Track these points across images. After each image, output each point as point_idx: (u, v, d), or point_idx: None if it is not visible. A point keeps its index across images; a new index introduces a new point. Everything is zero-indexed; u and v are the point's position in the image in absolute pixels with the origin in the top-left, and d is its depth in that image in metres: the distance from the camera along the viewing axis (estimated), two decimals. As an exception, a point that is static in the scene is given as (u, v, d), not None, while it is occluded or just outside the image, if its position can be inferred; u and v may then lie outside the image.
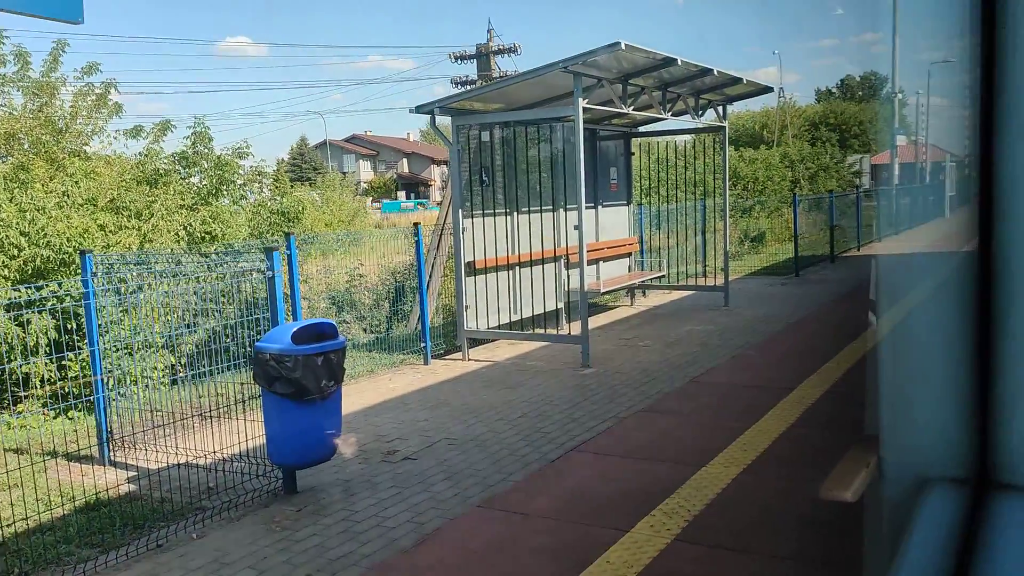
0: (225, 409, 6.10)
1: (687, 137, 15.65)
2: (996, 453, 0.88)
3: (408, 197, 67.40)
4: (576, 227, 8.25)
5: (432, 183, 72.25)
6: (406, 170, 74.04)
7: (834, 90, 77.87)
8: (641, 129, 12.49)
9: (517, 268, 9.55)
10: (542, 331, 8.93)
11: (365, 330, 11.52)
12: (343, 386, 7.86)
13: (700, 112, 11.07)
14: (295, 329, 4.67)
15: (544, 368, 8.36)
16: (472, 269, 9.01)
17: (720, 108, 11.49)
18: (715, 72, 9.49)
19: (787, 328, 9.97)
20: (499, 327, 9.10)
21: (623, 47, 7.52)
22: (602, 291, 10.54)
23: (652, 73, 9.13)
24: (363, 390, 7.87)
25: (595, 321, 11.12)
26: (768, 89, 11.36)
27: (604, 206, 11.72)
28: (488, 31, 16.98)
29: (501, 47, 16.89)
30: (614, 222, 12.10)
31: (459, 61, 17.41)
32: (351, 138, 76.53)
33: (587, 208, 11.41)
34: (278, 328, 4.72)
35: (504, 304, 9.39)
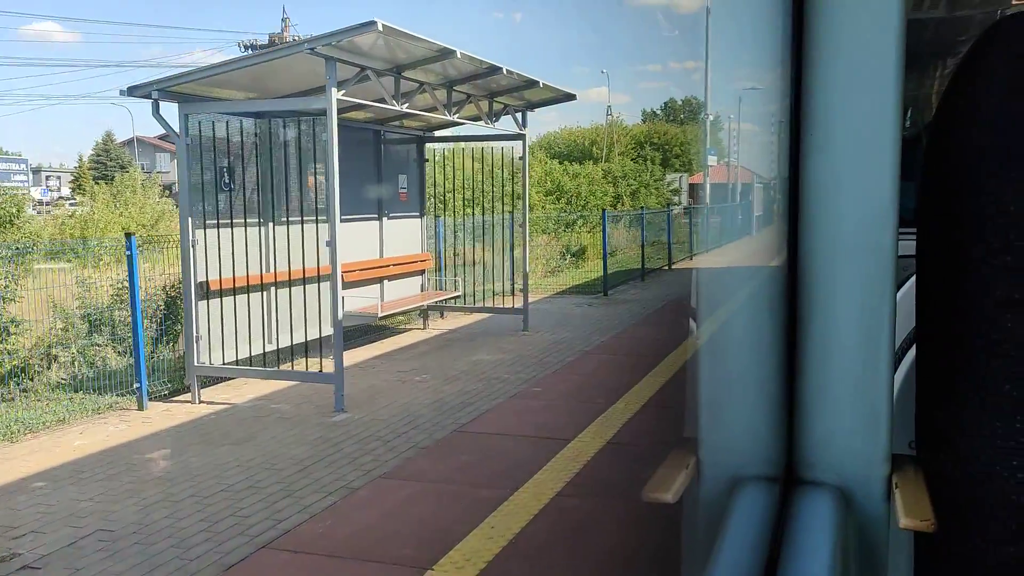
0: None
1: (514, 144, 14.73)
2: (800, 451, 0.95)
3: (227, 200, 62.93)
4: (328, 243, 6.83)
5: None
6: (226, 172, 69.20)
7: (659, 112, 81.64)
8: (437, 134, 11.31)
9: (274, 289, 7.99)
10: (289, 367, 7.39)
11: (121, 354, 9.49)
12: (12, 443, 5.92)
13: (495, 117, 10.03)
14: None
15: (289, 414, 6.86)
16: (206, 291, 7.35)
17: (519, 115, 10.53)
18: (505, 71, 8.45)
19: (581, 357, 9.07)
20: (238, 362, 7.46)
21: (380, 27, 6.24)
22: (381, 315, 9.18)
23: (432, 67, 7.92)
24: (36, 450, 6.02)
25: (377, 348, 9.76)
26: (570, 96, 10.51)
27: (391, 218, 10.40)
28: (283, 20, 15.18)
29: (297, 37, 15.15)
30: (404, 236, 10.80)
31: (249, 51, 15.43)
32: (165, 136, 70.59)
33: (370, 220, 10.07)
34: None
35: (256, 332, 7.79)
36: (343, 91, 6.82)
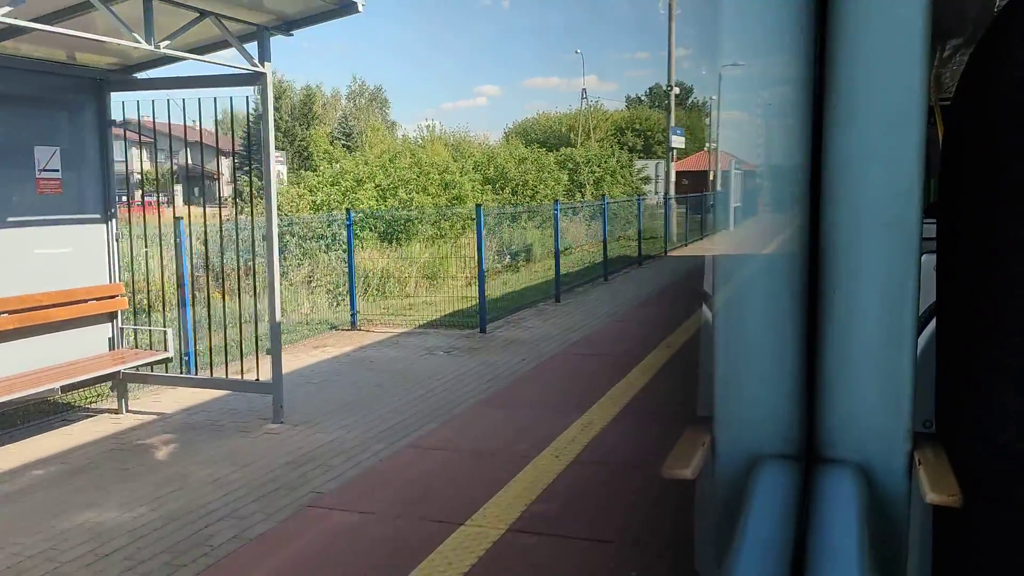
0: None
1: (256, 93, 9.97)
2: (820, 430, 0.95)
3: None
4: None
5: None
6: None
7: (643, 98, 77.11)
8: (140, 76, 6.65)
9: None
10: None
11: None
12: None
13: (178, 42, 5.36)
14: None
15: None
16: None
17: (260, 42, 5.89)
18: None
19: (293, 523, 4.41)
20: None
21: None
22: None
23: None
24: None
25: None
26: (349, 7, 5.85)
27: (10, 225, 5.72)
28: None
29: None
30: (66, 256, 6.14)
31: None
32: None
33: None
34: None
35: None
36: None
